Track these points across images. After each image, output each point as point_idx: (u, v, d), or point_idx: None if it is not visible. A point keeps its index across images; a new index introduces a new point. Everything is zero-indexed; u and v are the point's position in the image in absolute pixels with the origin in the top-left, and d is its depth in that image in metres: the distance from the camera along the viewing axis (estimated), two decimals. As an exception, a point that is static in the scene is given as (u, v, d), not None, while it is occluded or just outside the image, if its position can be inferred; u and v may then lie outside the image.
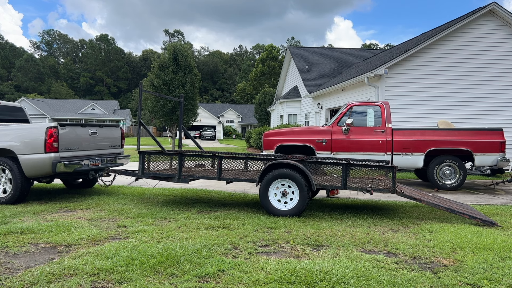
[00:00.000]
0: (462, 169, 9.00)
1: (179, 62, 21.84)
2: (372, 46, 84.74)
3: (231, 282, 3.25)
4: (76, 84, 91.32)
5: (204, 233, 4.74)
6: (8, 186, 6.49)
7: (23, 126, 6.88)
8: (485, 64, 13.48)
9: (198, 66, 75.15)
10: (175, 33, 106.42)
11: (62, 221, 5.31)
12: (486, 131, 9.17)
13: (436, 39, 13.33)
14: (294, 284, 3.22)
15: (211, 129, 56.99)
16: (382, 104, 9.27)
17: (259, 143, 20.26)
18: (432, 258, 3.99)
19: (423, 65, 13.44)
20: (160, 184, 8.94)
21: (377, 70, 13.03)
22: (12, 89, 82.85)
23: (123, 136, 8.06)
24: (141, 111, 6.85)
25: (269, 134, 9.63)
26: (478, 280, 3.42)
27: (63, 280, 3.22)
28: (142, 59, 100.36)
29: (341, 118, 9.26)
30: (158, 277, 3.32)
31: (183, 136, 9.19)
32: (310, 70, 24.62)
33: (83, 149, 6.87)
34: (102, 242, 4.35)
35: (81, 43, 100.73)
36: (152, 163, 6.65)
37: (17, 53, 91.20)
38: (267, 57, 64.69)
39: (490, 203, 7.37)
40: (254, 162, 6.55)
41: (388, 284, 3.26)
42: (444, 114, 12.97)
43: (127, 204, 6.60)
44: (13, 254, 3.94)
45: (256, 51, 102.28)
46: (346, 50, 29.70)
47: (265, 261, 3.77)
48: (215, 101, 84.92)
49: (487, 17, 13.53)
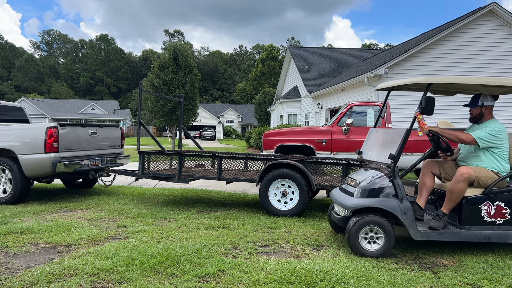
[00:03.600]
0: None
1: (179, 62, 21.84)
2: (372, 46, 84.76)
3: (231, 282, 3.25)
4: (76, 84, 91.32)
5: (204, 233, 4.74)
6: (8, 186, 6.49)
7: (23, 126, 6.88)
8: (485, 64, 13.48)
9: (198, 66, 75.16)
10: (175, 33, 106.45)
11: (62, 221, 5.31)
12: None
13: (436, 39, 13.33)
14: (294, 284, 3.22)
15: (211, 129, 56.96)
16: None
17: (259, 143, 20.26)
18: (432, 258, 4.00)
19: (423, 65, 13.44)
20: (160, 184, 8.94)
21: (377, 70, 13.04)
22: (12, 89, 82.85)
23: (123, 136, 8.06)
24: (141, 111, 6.85)
25: (269, 134, 9.63)
26: (478, 280, 3.42)
27: (63, 280, 3.22)
28: (142, 59, 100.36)
29: (341, 118, 9.26)
30: (158, 277, 3.31)
31: (183, 136, 9.19)
32: (310, 70, 24.62)
33: (83, 149, 6.87)
34: (102, 242, 4.35)
35: (81, 43, 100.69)
36: (152, 163, 6.65)
37: (17, 53, 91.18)
38: (267, 57, 64.68)
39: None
40: (254, 162, 6.55)
41: (388, 284, 3.26)
42: (444, 114, 12.96)
43: (127, 204, 6.60)
44: (13, 254, 3.93)
45: (256, 51, 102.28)
46: (346, 50, 29.71)
47: (265, 261, 3.77)
48: (215, 101, 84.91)
49: (487, 17, 13.53)
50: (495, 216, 3.99)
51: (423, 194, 4.27)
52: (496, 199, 3.99)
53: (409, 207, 3.89)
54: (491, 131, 4.10)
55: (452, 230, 3.98)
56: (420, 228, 3.94)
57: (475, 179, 4.02)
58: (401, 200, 3.91)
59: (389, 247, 3.94)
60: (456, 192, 3.99)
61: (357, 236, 3.95)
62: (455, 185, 3.98)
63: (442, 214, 4.05)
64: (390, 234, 3.92)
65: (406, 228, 3.92)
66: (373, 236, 3.98)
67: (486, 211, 3.98)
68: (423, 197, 4.26)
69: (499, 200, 3.99)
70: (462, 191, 3.99)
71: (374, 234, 3.98)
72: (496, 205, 3.99)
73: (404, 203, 3.90)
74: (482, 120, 4.31)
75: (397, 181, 3.95)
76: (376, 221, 3.94)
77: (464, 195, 4.02)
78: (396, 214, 3.89)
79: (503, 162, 4.14)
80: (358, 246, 3.96)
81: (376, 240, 3.98)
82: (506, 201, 3.99)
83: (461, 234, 3.95)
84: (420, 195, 4.30)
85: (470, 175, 3.98)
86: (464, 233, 3.95)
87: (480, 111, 4.30)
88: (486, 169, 4.11)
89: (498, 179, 4.03)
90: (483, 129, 4.15)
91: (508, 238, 3.93)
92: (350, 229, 3.98)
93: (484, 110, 4.29)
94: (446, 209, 4.06)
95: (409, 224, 3.88)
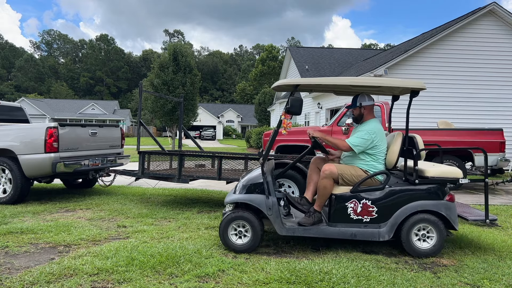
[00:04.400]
0: (462, 169, 8.99)
1: (179, 62, 21.83)
2: (372, 46, 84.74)
3: (231, 282, 3.25)
4: (76, 84, 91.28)
5: (204, 233, 4.74)
6: (8, 186, 6.48)
7: (23, 126, 6.88)
8: (485, 64, 13.48)
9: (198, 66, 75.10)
10: (175, 33, 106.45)
11: (62, 221, 5.31)
12: (486, 131, 9.18)
13: (436, 39, 13.33)
14: (294, 284, 3.22)
15: (211, 129, 56.96)
16: (382, 104, 9.27)
17: (259, 143, 20.26)
18: (432, 258, 3.99)
19: (423, 65, 13.44)
20: (160, 184, 8.93)
21: (377, 70, 13.03)
22: (12, 89, 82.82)
23: (123, 136, 8.06)
24: (141, 111, 6.85)
25: (269, 134, 9.62)
26: (478, 280, 3.42)
27: (63, 280, 3.22)
28: (142, 59, 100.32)
29: (341, 118, 9.25)
30: (158, 277, 3.31)
31: (183, 136, 9.18)
32: (310, 70, 24.61)
33: (83, 149, 6.86)
34: (102, 242, 4.35)
35: (81, 43, 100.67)
36: (152, 163, 6.64)
37: (17, 53, 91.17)
38: (267, 57, 64.65)
39: (490, 203, 7.37)
40: (254, 162, 6.54)
41: (388, 284, 3.26)
42: (444, 114, 12.97)
43: (127, 204, 6.60)
44: (13, 254, 3.93)
45: (256, 51, 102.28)
46: (346, 50, 29.70)
47: (265, 261, 3.77)
48: (215, 101, 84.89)
49: (487, 17, 13.53)
50: (362, 214, 4.01)
51: (310, 188, 4.41)
52: (363, 197, 4.01)
53: (275, 203, 3.98)
54: (365, 135, 4.15)
55: (319, 227, 4.03)
56: (289, 224, 4.03)
57: (338, 176, 4.07)
58: (267, 196, 3.99)
59: (256, 241, 4.01)
60: (321, 188, 4.08)
61: (227, 230, 4.05)
62: (320, 181, 4.08)
63: (313, 211, 4.14)
64: (256, 229, 3.99)
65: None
66: (242, 231, 4.07)
67: (352, 209, 4.01)
68: (310, 191, 4.40)
69: (366, 199, 4.01)
70: (327, 188, 4.05)
71: (242, 229, 4.06)
72: (362, 203, 4.01)
73: (270, 199, 3.99)
74: (362, 120, 4.39)
75: (266, 177, 4.04)
76: (244, 216, 4.03)
77: (333, 192, 4.08)
78: (262, 209, 3.99)
79: (374, 162, 4.20)
80: (227, 240, 4.05)
81: (245, 234, 4.06)
82: (372, 200, 4.00)
83: (327, 231, 4.00)
84: (307, 189, 4.43)
85: (331, 172, 4.05)
86: (330, 230, 4.00)
87: (360, 112, 4.38)
88: (353, 167, 4.18)
89: (365, 177, 4.06)
90: (358, 134, 4.20)
91: (374, 236, 3.95)
92: (221, 223, 4.08)
93: (363, 110, 4.37)
94: (317, 206, 4.15)
95: (274, 220, 3.97)
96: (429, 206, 3.95)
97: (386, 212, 3.98)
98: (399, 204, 3.98)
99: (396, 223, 3.95)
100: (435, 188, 4.02)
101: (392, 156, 4.22)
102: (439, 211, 3.95)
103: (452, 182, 4.09)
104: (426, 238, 4.01)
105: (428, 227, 3.98)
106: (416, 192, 4.00)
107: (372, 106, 4.38)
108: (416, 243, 3.99)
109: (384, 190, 4.01)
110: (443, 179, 4.06)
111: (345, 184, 4.10)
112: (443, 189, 4.07)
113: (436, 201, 3.97)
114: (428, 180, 4.05)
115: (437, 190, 4.02)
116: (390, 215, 3.97)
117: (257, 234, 3.99)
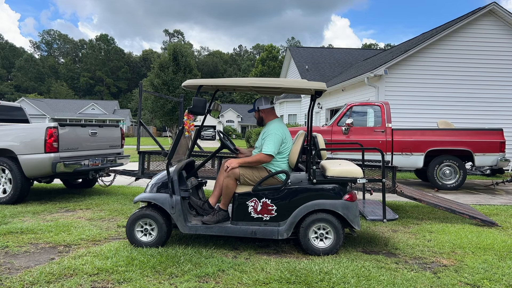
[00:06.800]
0: (462, 169, 9.00)
1: (179, 62, 21.88)
2: (372, 46, 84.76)
3: (231, 282, 3.25)
4: (76, 84, 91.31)
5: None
6: (8, 186, 6.48)
7: (23, 126, 6.88)
8: (485, 64, 13.48)
9: (198, 66, 75.04)
10: (175, 33, 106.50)
11: (62, 221, 5.31)
12: (486, 131, 9.18)
13: (436, 39, 13.32)
14: (294, 284, 3.22)
15: (211, 129, 56.95)
16: (382, 104, 9.27)
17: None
18: (432, 258, 3.99)
19: (423, 65, 13.44)
20: (160, 184, 8.92)
21: (377, 70, 13.04)
22: (12, 89, 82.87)
23: (123, 136, 8.05)
24: (141, 111, 6.85)
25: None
26: (478, 280, 3.42)
27: (63, 280, 3.22)
28: (142, 59, 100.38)
29: (341, 118, 9.26)
30: (158, 277, 3.31)
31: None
32: (310, 70, 24.61)
33: (83, 149, 6.86)
34: (102, 242, 4.35)
35: (81, 43, 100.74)
36: (152, 163, 6.64)
37: (17, 53, 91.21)
38: (267, 57, 64.69)
39: (490, 203, 7.37)
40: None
41: (388, 284, 3.26)
42: (444, 114, 12.96)
43: (127, 204, 6.60)
44: (13, 254, 3.93)
45: (256, 51, 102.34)
46: (346, 50, 29.70)
47: (265, 261, 3.78)
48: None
49: (487, 17, 13.53)
50: (262, 213, 4.04)
51: (216, 192, 4.39)
52: (263, 196, 4.04)
53: (179, 202, 4.01)
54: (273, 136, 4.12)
55: (222, 225, 4.07)
56: (193, 222, 4.07)
57: (240, 175, 4.09)
58: (171, 195, 4.03)
59: (161, 238, 4.05)
60: (224, 187, 4.12)
61: (133, 228, 4.09)
62: (224, 180, 4.12)
63: (218, 209, 4.17)
64: (161, 226, 4.04)
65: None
66: (147, 229, 4.11)
67: (253, 207, 4.05)
68: (215, 196, 4.38)
69: (266, 197, 4.04)
70: (229, 187, 4.09)
71: (148, 227, 4.11)
72: (262, 201, 4.04)
73: (174, 198, 4.03)
74: (265, 122, 4.44)
75: (171, 176, 4.07)
76: (150, 214, 4.07)
77: (236, 191, 4.11)
78: (165, 208, 4.03)
79: (278, 161, 4.21)
80: (133, 237, 4.09)
81: (151, 232, 4.11)
82: (272, 198, 4.03)
83: (228, 229, 4.03)
84: (213, 193, 4.42)
85: (233, 172, 4.08)
86: (232, 228, 4.03)
87: (259, 115, 4.45)
88: (257, 167, 4.18)
89: (265, 176, 4.08)
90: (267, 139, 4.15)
91: (273, 234, 3.98)
92: (128, 221, 4.12)
93: (261, 114, 4.43)
94: (222, 204, 4.19)
95: (176, 218, 4.02)
96: (326, 205, 3.98)
97: (285, 211, 4.03)
98: (297, 203, 4.02)
99: (294, 222, 3.99)
100: (333, 188, 4.06)
101: (293, 156, 4.27)
102: (336, 210, 3.97)
103: (351, 181, 4.12)
104: (325, 237, 4.03)
105: (327, 226, 4.00)
106: (314, 192, 4.03)
107: (271, 109, 4.42)
108: (313, 241, 4.02)
109: (284, 190, 4.05)
110: (342, 178, 4.09)
111: (247, 184, 4.13)
112: (343, 189, 4.09)
113: (333, 201, 4.00)
114: (327, 180, 4.09)
115: (335, 189, 4.05)
116: (289, 214, 4.01)
117: (162, 232, 4.05)
